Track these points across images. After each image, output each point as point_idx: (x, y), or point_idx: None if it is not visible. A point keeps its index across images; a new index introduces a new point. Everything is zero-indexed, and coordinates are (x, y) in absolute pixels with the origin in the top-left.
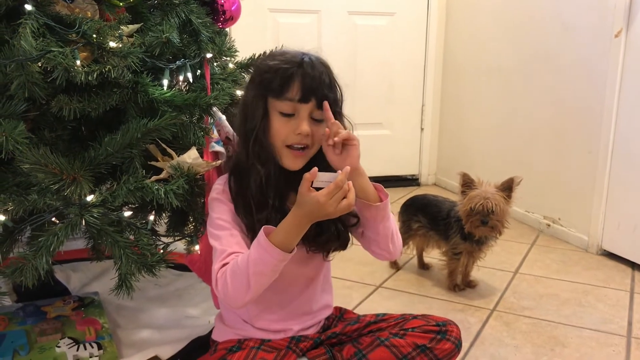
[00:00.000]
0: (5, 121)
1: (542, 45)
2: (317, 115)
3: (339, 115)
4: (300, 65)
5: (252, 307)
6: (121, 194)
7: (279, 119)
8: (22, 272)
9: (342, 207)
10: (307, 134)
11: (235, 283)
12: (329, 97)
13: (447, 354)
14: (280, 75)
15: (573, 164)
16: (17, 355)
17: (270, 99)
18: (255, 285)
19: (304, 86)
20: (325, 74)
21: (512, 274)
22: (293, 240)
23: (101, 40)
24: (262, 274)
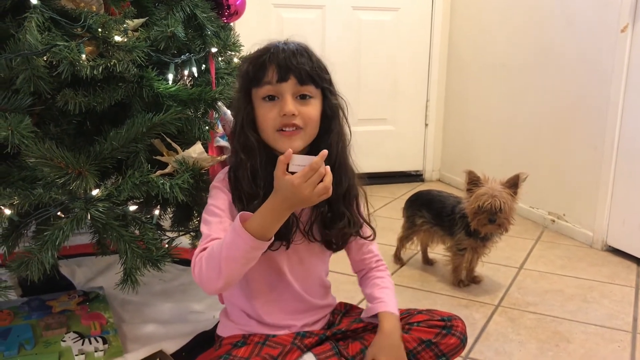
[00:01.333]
0: (11, 115)
1: (547, 41)
2: (302, 91)
3: (328, 92)
4: (272, 50)
5: (256, 301)
6: (126, 188)
7: (264, 105)
8: (27, 266)
9: (318, 191)
10: (292, 112)
11: (209, 267)
12: (309, 70)
13: (453, 348)
14: (255, 63)
15: (578, 159)
16: (23, 349)
17: (253, 90)
18: (227, 271)
19: (278, 66)
20: (302, 52)
21: (516, 270)
22: (269, 227)
23: (106, 34)
24: (234, 260)
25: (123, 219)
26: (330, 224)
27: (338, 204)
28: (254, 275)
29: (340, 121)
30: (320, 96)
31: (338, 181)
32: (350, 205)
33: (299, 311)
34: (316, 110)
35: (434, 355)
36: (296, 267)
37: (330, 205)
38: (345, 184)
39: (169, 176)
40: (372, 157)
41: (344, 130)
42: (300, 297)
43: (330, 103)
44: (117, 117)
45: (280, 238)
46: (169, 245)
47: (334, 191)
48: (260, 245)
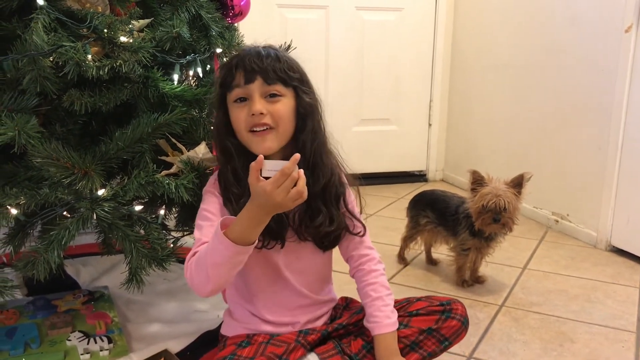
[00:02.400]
0: (17, 115)
1: (551, 41)
2: (271, 90)
3: (300, 92)
4: (240, 55)
5: (257, 300)
6: (132, 188)
7: (236, 107)
8: (34, 266)
9: (292, 196)
10: (259, 111)
11: (198, 272)
12: (275, 69)
13: (455, 331)
14: (225, 69)
15: (582, 160)
16: (29, 348)
17: (227, 94)
18: (214, 277)
19: (245, 69)
20: (269, 54)
21: (520, 270)
22: (249, 232)
23: (112, 35)
24: (219, 265)
25: (128, 218)
26: (309, 221)
27: (316, 202)
28: (253, 275)
29: (315, 119)
30: (292, 95)
31: (315, 179)
32: (330, 203)
33: (301, 307)
34: (286, 108)
35: (437, 342)
36: (293, 264)
37: (308, 202)
38: (322, 181)
39: (174, 176)
40: (376, 157)
41: (319, 128)
42: (300, 292)
43: (303, 101)
44: (121, 117)
45: (274, 237)
46: (174, 244)
47: (310, 189)
48: (243, 250)
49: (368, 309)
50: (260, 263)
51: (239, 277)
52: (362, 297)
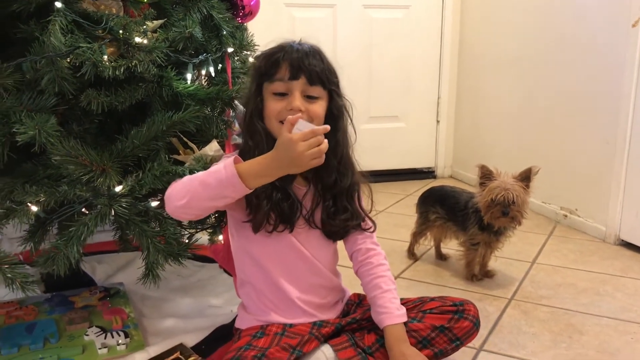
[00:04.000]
0: (37, 115)
1: (559, 36)
2: (311, 92)
3: (335, 94)
4: (286, 49)
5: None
6: (147, 181)
7: (273, 99)
8: (54, 261)
9: (312, 153)
10: (299, 109)
11: (183, 185)
12: (319, 72)
13: (466, 332)
14: (269, 59)
15: (590, 154)
16: (48, 342)
17: (265, 84)
18: (194, 191)
19: (291, 65)
20: (314, 54)
21: (529, 264)
22: (254, 176)
23: (127, 35)
24: (207, 186)
25: (145, 214)
26: (334, 216)
27: (342, 199)
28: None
29: (345, 121)
30: (326, 97)
31: (342, 177)
32: (353, 200)
33: (316, 287)
34: (321, 110)
35: (448, 340)
36: (305, 244)
37: (335, 199)
38: (349, 180)
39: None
40: (384, 154)
41: (348, 129)
42: (315, 268)
43: (337, 104)
44: (135, 116)
45: (284, 221)
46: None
47: (339, 186)
48: (238, 186)
49: (378, 301)
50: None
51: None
52: (369, 290)
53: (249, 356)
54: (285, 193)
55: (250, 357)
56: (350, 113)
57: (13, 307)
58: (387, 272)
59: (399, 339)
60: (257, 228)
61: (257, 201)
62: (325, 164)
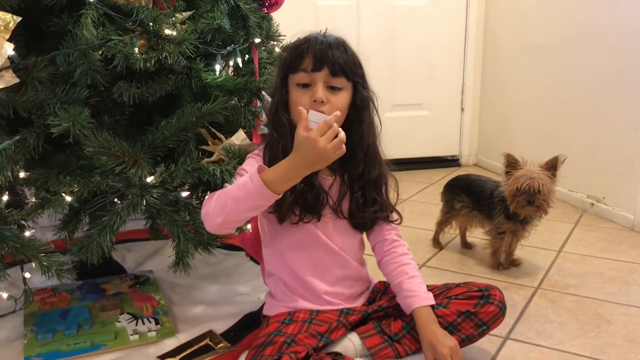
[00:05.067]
0: (70, 107)
1: (587, 21)
2: (333, 83)
3: (360, 86)
4: (311, 41)
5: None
6: (179, 174)
7: (297, 90)
8: (88, 250)
9: (334, 145)
10: (321, 99)
11: (217, 202)
12: (342, 63)
13: (492, 316)
14: (294, 51)
15: (618, 142)
16: (82, 328)
17: (290, 76)
18: (229, 208)
19: (314, 56)
20: (338, 46)
21: (556, 253)
22: (282, 182)
23: (157, 28)
24: (239, 201)
25: (175, 204)
26: (363, 207)
27: (370, 190)
28: (297, 246)
29: (370, 112)
30: (350, 88)
31: (370, 168)
32: (381, 191)
33: (342, 279)
34: (344, 101)
35: (474, 325)
36: (331, 236)
37: (363, 191)
38: (376, 171)
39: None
40: (408, 142)
41: (374, 121)
42: (342, 260)
43: (362, 95)
44: (163, 107)
45: (311, 211)
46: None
47: (366, 177)
48: (267, 195)
49: (404, 285)
50: (301, 231)
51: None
52: (395, 276)
53: (279, 341)
54: (309, 183)
55: (280, 342)
56: (376, 104)
57: (47, 293)
58: (411, 261)
59: (430, 320)
60: (282, 218)
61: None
62: (352, 155)
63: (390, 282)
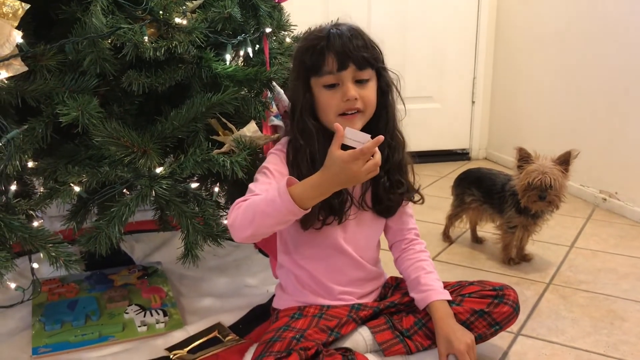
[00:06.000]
0: (79, 96)
1: (605, 11)
2: (360, 76)
3: (383, 70)
4: (328, 38)
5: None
6: (189, 165)
7: (325, 92)
8: (96, 240)
9: (367, 168)
10: (354, 97)
11: (245, 215)
12: (366, 56)
13: (506, 317)
14: (313, 53)
15: (632, 136)
16: (89, 319)
17: (312, 78)
18: (258, 223)
19: (337, 55)
20: (356, 36)
21: (567, 248)
22: (311, 198)
23: (167, 16)
24: (267, 215)
25: (184, 195)
26: (390, 190)
27: (394, 174)
28: (311, 250)
29: (393, 95)
30: (375, 76)
31: (394, 151)
32: (405, 174)
33: (356, 280)
34: (373, 92)
35: (487, 325)
36: (354, 235)
37: (388, 174)
38: (400, 155)
39: (226, 155)
40: (418, 135)
41: (395, 103)
42: (358, 264)
43: (385, 80)
44: (172, 97)
45: (334, 214)
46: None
47: (391, 161)
48: (296, 211)
49: (422, 280)
50: (321, 235)
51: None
52: (412, 271)
53: (288, 337)
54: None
55: (289, 338)
56: (398, 86)
57: (55, 284)
58: (429, 259)
59: (447, 314)
60: (306, 225)
61: None
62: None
63: (406, 278)
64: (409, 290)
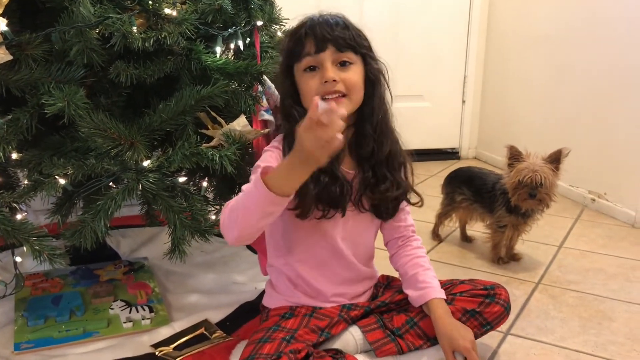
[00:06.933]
0: (66, 87)
1: (594, 13)
2: (341, 57)
3: (369, 58)
4: (308, 23)
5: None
6: (177, 159)
7: (305, 76)
8: (81, 234)
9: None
10: (332, 78)
11: (230, 215)
12: (345, 37)
13: (497, 316)
14: (293, 38)
15: (621, 137)
16: (74, 315)
17: (295, 65)
18: (242, 222)
19: (315, 37)
20: (338, 22)
21: (556, 248)
22: (286, 183)
23: (157, 7)
24: (250, 211)
25: (172, 190)
26: (374, 187)
27: (381, 168)
28: (307, 247)
29: (381, 86)
30: (361, 62)
31: (380, 145)
32: (395, 170)
33: (348, 280)
34: (358, 75)
35: (478, 325)
36: (350, 235)
37: (374, 169)
38: (387, 148)
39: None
40: (408, 134)
41: (385, 94)
42: (351, 265)
43: (372, 68)
44: (161, 90)
45: (335, 206)
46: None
47: (376, 155)
48: (275, 199)
49: (420, 277)
50: (317, 234)
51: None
52: (409, 268)
53: (278, 338)
54: (332, 175)
55: (279, 339)
56: (387, 77)
57: (39, 278)
58: (425, 255)
59: (447, 312)
60: (305, 214)
61: (304, 186)
62: (361, 132)
63: (402, 274)
64: (405, 287)
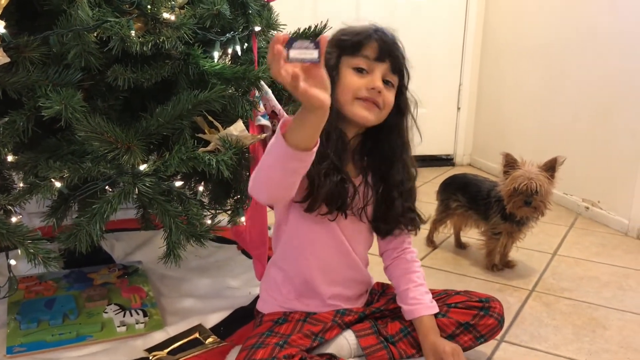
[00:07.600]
0: (63, 90)
1: (587, 23)
2: (390, 78)
3: (404, 89)
4: (377, 30)
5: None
6: (173, 163)
7: (352, 73)
8: (76, 238)
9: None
10: (380, 89)
11: (257, 176)
12: (402, 62)
13: (491, 329)
14: (358, 35)
15: (615, 146)
16: (67, 319)
17: (344, 57)
18: (267, 180)
19: (380, 46)
20: (399, 45)
21: (550, 256)
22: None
23: (155, 11)
24: (272, 168)
25: (168, 194)
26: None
27: (391, 193)
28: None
29: (407, 120)
30: (395, 90)
31: (396, 171)
32: (404, 199)
33: (348, 281)
34: (393, 98)
35: (472, 337)
36: (354, 237)
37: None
38: (400, 177)
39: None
40: None
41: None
42: (354, 264)
43: (405, 98)
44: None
45: (339, 208)
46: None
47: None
48: (294, 155)
49: (410, 293)
50: (323, 232)
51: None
52: (402, 282)
53: (271, 343)
54: (344, 176)
55: (273, 345)
56: (414, 113)
57: (33, 282)
58: (419, 269)
59: (433, 329)
60: (312, 208)
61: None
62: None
63: (395, 287)
64: (397, 300)
